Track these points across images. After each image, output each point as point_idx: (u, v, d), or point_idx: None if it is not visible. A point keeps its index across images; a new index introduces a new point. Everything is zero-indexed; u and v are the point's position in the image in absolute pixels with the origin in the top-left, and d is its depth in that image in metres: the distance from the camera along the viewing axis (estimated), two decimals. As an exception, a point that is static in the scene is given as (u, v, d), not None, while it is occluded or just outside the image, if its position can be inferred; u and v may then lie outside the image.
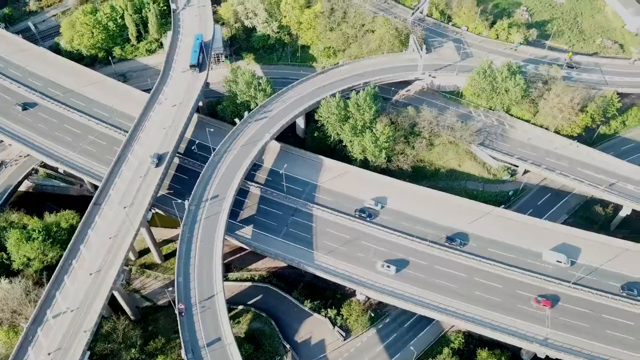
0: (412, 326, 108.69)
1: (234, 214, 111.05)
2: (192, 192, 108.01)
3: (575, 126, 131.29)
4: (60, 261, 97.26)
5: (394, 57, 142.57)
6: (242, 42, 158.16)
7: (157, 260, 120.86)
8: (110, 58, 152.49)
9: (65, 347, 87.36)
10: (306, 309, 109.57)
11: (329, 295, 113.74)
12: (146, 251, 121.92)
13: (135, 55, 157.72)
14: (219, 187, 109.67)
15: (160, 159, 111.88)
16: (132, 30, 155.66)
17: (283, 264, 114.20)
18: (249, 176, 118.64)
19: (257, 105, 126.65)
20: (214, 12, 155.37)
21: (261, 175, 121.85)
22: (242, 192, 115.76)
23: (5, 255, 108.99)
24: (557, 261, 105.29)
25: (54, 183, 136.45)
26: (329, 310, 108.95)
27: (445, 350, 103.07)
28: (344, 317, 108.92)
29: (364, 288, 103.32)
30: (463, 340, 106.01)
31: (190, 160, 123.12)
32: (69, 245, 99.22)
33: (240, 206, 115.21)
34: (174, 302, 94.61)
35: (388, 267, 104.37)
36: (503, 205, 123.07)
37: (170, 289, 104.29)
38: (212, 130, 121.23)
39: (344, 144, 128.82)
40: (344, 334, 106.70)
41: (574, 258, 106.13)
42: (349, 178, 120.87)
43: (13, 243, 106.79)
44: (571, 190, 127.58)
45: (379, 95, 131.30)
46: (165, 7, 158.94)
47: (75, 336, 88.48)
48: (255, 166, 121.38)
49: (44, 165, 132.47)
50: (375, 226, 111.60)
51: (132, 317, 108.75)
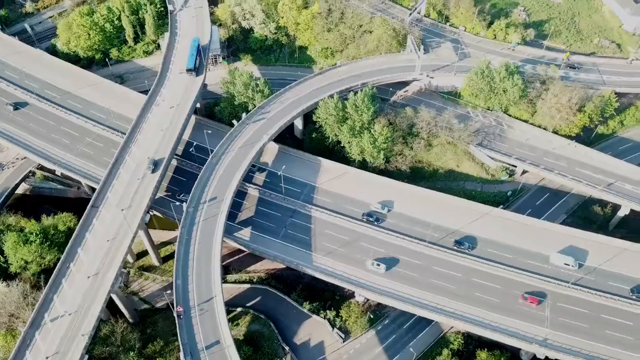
0: (411, 327, 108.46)
1: (232, 215, 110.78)
2: (190, 194, 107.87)
3: (573, 126, 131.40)
4: (58, 264, 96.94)
5: (391, 57, 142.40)
6: (239, 43, 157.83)
7: (156, 262, 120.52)
8: (107, 60, 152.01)
9: (63, 350, 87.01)
10: (305, 310, 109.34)
11: (328, 297, 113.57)
12: (144, 253, 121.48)
13: (133, 57, 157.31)
14: (217, 189, 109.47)
15: (156, 164, 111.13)
16: (129, 32, 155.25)
17: (282, 266, 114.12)
18: (247, 178, 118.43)
19: (254, 106, 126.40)
20: (211, 13, 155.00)
21: (259, 177, 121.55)
22: (240, 194, 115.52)
23: (2, 259, 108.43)
24: (565, 264, 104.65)
25: (52, 185, 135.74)
26: (328, 311, 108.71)
27: (445, 351, 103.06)
28: (343, 318, 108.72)
29: (363, 289, 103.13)
30: (462, 342, 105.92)
31: (188, 162, 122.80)
32: (66, 248, 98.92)
33: (239, 208, 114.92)
34: (172, 304, 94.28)
35: (378, 265, 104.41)
36: (501, 206, 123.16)
37: (168, 291, 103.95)
38: (209, 132, 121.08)
39: (342, 145, 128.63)
40: (343, 335, 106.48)
41: (582, 260, 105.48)
42: (348, 179, 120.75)
43: (10, 246, 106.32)
44: (569, 190, 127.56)
45: (377, 96, 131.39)
46: (162, 9, 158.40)
47: (73, 340, 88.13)
48: (253, 167, 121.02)
49: (41, 168, 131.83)
50: (373, 227, 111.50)
51: (130, 320, 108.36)
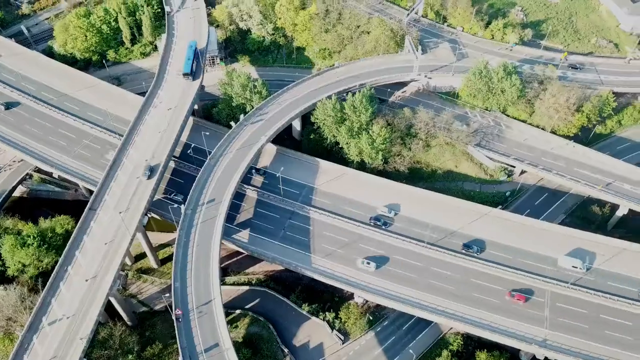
0: (410, 328, 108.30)
1: (230, 217, 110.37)
2: (189, 196, 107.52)
3: (571, 126, 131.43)
4: (56, 267, 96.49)
5: (389, 58, 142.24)
6: (237, 44, 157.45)
7: (154, 265, 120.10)
8: (104, 61, 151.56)
9: (61, 355, 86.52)
10: (304, 312, 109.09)
11: (327, 299, 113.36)
12: (142, 256, 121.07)
13: (130, 59, 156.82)
14: (215, 190, 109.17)
15: (152, 170, 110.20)
16: (126, 33, 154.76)
17: (280, 268, 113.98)
18: (246, 179, 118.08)
19: (252, 107, 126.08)
20: (209, 15, 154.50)
21: (257, 179, 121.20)
22: (238, 196, 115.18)
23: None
24: (573, 266, 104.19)
25: (49, 188, 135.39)
26: (327, 313, 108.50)
27: (444, 352, 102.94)
28: (342, 320, 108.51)
29: (362, 291, 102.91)
30: (462, 342, 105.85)
31: (186, 164, 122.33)
32: (64, 251, 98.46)
33: (237, 210, 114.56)
34: (170, 307, 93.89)
35: (368, 263, 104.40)
36: (500, 206, 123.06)
37: (167, 294, 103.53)
38: (207, 133, 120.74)
39: (340, 146, 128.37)
40: (342, 337, 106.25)
41: (589, 262, 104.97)
42: (346, 180, 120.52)
43: (7, 249, 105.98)
44: (568, 190, 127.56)
45: (375, 96, 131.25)
46: (159, 10, 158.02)
47: (71, 343, 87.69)
48: (252, 169, 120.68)
49: (39, 170, 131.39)
50: (372, 228, 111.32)
51: (128, 323, 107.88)
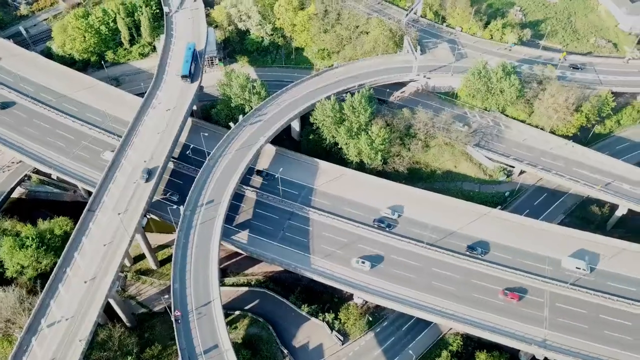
0: (410, 329, 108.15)
1: (229, 218, 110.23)
2: (187, 197, 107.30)
3: (570, 126, 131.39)
4: (55, 269, 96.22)
5: (388, 58, 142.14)
6: (235, 45, 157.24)
7: (153, 266, 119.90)
8: (102, 62, 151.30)
9: (60, 357, 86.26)
10: (303, 313, 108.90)
11: (326, 299, 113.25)
12: (141, 257, 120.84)
13: (128, 59, 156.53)
14: (214, 191, 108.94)
15: (150, 174, 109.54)
16: (124, 34, 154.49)
17: (280, 268, 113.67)
18: (245, 180, 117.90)
19: (251, 108, 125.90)
20: (207, 15, 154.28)
21: (257, 179, 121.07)
22: (237, 197, 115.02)
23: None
24: (577, 267, 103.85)
25: (47, 189, 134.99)
26: (326, 314, 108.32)
27: (444, 353, 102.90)
28: (342, 321, 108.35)
29: (361, 292, 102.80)
30: (461, 343, 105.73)
31: (185, 165, 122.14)
32: (63, 253, 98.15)
33: (236, 211, 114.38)
34: (170, 308, 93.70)
35: (362, 262, 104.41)
36: (499, 207, 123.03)
37: (166, 295, 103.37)
38: (206, 134, 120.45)
39: (339, 146, 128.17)
40: (342, 338, 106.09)
41: (592, 263, 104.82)
42: (345, 181, 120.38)
43: (6, 251, 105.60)
44: (567, 191, 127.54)
45: (374, 97, 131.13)
46: (157, 10, 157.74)
47: (70, 345, 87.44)
48: (250, 170, 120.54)
49: (37, 172, 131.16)
50: (372, 229, 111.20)
51: (128, 324, 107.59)
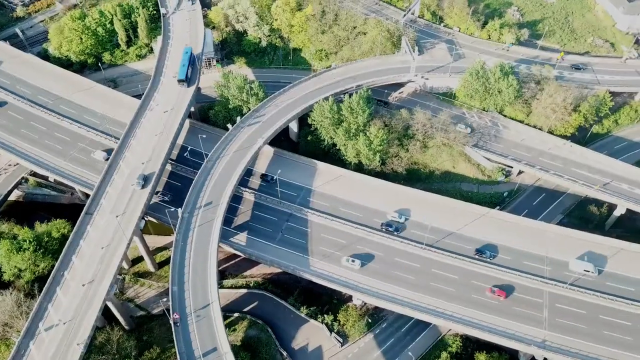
0: (409, 330, 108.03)
1: (228, 220, 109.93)
2: (185, 199, 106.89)
3: (568, 126, 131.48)
4: (52, 272, 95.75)
5: (386, 59, 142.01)
6: (233, 46, 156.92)
7: (151, 268, 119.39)
8: (99, 64, 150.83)
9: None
10: (302, 315, 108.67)
11: (325, 301, 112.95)
12: (139, 259, 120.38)
13: (125, 61, 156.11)
14: (212, 193, 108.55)
15: (146, 179, 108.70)
16: (121, 36, 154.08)
17: (278, 270, 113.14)
18: (243, 182, 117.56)
19: (249, 109, 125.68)
20: (205, 16, 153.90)
21: (255, 181, 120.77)
22: (235, 199, 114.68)
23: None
24: (585, 270, 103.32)
25: (45, 192, 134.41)
26: (325, 316, 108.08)
27: (444, 354, 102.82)
28: (341, 322, 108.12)
29: (360, 293, 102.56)
30: (461, 344, 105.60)
31: (182, 167, 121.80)
32: (60, 256, 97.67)
33: (235, 212, 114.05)
34: (168, 310, 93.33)
35: (352, 261, 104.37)
36: (498, 207, 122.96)
37: (164, 298, 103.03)
38: (204, 136, 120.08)
39: (337, 147, 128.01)
40: (341, 339, 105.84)
41: (601, 266, 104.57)
42: (344, 182, 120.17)
43: (3, 254, 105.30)
44: (566, 191, 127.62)
45: (372, 98, 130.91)
46: (154, 12, 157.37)
47: (68, 349, 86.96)
48: (249, 172, 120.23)
49: (34, 174, 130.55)
50: (370, 229, 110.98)
51: (126, 327, 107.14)
